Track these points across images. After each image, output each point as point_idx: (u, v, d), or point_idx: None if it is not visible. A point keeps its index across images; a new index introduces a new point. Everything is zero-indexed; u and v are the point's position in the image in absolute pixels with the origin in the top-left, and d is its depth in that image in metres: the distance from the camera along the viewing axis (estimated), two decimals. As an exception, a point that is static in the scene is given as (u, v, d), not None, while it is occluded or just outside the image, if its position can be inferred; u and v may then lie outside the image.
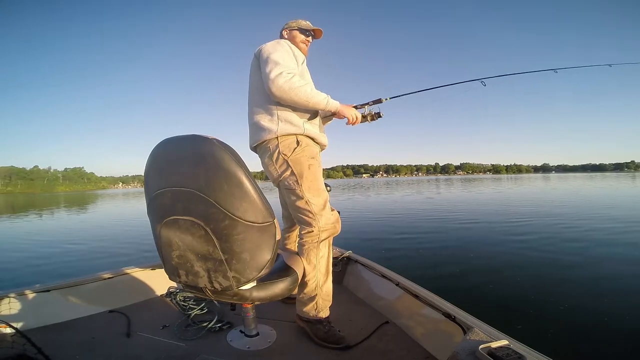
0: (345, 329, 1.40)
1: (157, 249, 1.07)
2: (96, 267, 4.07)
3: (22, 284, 1.58)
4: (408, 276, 1.59)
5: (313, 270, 1.34)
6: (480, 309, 1.33)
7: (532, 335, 1.99)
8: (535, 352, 0.84)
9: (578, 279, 3.07)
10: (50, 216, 13.03)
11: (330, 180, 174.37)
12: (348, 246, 2.10)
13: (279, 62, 1.27)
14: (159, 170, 1.00)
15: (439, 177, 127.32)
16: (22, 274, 4.08)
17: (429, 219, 7.41)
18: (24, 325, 1.42)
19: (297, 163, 1.34)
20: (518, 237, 5.07)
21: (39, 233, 7.87)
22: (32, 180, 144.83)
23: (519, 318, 2.30)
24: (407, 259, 3.99)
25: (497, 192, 17.17)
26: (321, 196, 1.38)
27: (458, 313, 1.16)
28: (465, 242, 4.80)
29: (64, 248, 5.72)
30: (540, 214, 7.55)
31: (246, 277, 1.00)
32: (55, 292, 1.58)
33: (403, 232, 5.81)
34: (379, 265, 1.80)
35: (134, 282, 1.82)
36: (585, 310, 2.38)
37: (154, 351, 1.28)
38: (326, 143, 1.52)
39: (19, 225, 9.91)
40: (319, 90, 1.35)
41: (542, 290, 2.79)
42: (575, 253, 3.99)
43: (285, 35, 1.55)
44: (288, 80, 1.24)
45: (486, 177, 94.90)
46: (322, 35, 1.58)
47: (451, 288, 2.88)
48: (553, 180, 38.61)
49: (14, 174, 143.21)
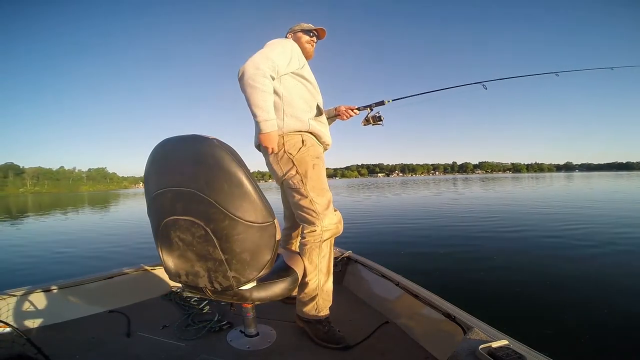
0: (345, 329, 1.40)
1: (157, 249, 1.07)
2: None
3: (23, 283, 1.59)
4: (408, 276, 1.59)
5: (314, 270, 1.34)
6: (480, 309, 1.33)
7: (532, 335, 1.99)
8: (535, 352, 0.84)
9: (578, 278, 3.06)
10: (81, 214, 13.46)
11: (345, 179, 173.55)
12: (348, 246, 2.10)
13: (269, 58, 1.25)
14: (159, 170, 1.00)
15: (457, 176, 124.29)
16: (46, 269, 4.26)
17: (433, 219, 7.41)
18: (24, 325, 1.42)
19: (302, 162, 1.34)
20: (518, 236, 5.07)
21: (65, 232, 8.05)
22: (58, 180, 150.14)
23: (519, 318, 2.30)
24: (407, 259, 3.99)
25: (508, 192, 16.79)
26: (325, 196, 1.38)
27: (458, 313, 1.16)
28: (465, 242, 4.80)
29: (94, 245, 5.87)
30: (541, 212, 7.55)
31: (246, 277, 1.00)
32: (55, 292, 1.58)
33: (405, 232, 5.81)
34: (379, 265, 1.80)
35: (134, 282, 1.82)
36: (586, 310, 2.38)
37: (154, 351, 1.28)
38: (330, 142, 1.52)
39: (48, 224, 10.17)
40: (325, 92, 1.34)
41: (543, 290, 2.79)
42: (576, 252, 3.99)
43: (290, 37, 1.56)
44: (258, 76, 1.20)
45: (506, 176, 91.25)
46: (326, 34, 1.58)
47: (451, 288, 2.88)
48: (578, 179, 36.49)
49: (41, 174, 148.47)
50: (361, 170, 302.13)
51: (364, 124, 1.65)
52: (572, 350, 1.90)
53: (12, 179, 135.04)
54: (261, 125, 1.25)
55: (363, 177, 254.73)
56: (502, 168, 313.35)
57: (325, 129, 1.50)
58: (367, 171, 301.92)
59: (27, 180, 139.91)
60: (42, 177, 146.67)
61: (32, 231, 8.64)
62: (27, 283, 1.58)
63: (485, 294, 2.77)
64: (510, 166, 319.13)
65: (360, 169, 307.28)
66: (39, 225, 10.13)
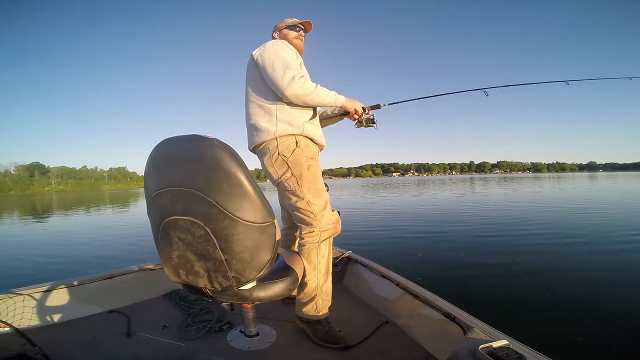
0: (345, 329, 1.40)
1: (157, 249, 1.07)
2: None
3: (26, 282, 1.59)
4: (408, 276, 1.59)
5: (313, 270, 1.34)
6: (480, 309, 1.33)
7: (532, 335, 1.99)
8: (535, 352, 0.84)
9: (579, 278, 3.06)
10: (112, 211, 14.01)
11: (359, 179, 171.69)
12: (348, 246, 2.10)
13: (288, 66, 1.28)
14: (159, 170, 1.00)
15: (474, 176, 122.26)
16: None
17: (433, 220, 7.41)
18: (24, 325, 1.42)
19: (297, 164, 1.34)
20: (518, 237, 5.07)
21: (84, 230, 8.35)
22: (80, 179, 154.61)
23: (519, 318, 2.30)
24: (407, 259, 3.99)
25: (532, 192, 16.56)
26: (322, 196, 1.38)
27: (458, 313, 1.16)
28: (466, 243, 4.80)
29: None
30: (543, 213, 7.55)
31: (246, 277, 1.00)
32: (55, 292, 1.58)
33: (406, 231, 5.81)
34: (379, 265, 1.80)
35: (134, 282, 1.82)
36: (587, 311, 2.38)
37: (154, 351, 1.28)
38: (325, 143, 1.52)
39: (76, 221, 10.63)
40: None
41: (543, 290, 2.79)
42: (577, 252, 3.99)
43: (277, 36, 1.56)
44: (301, 86, 1.28)
45: (526, 176, 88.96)
46: (312, 27, 1.59)
47: (451, 288, 2.88)
48: (602, 179, 35.15)
49: (65, 173, 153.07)
50: (376, 170, 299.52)
51: (357, 125, 1.64)
52: (572, 350, 1.90)
53: (38, 177, 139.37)
54: (337, 103, 1.45)
55: (378, 177, 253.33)
56: (521, 167, 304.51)
57: (320, 131, 1.49)
58: (381, 171, 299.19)
59: (52, 179, 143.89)
60: (66, 176, 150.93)
61: (76, 225, 9.31)
62: (28, 283, 1.58)
63: (485, 294, 2.77)
64: (530, 165, 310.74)
65: (375, 168, 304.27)
66: (77, 220, 10.86)
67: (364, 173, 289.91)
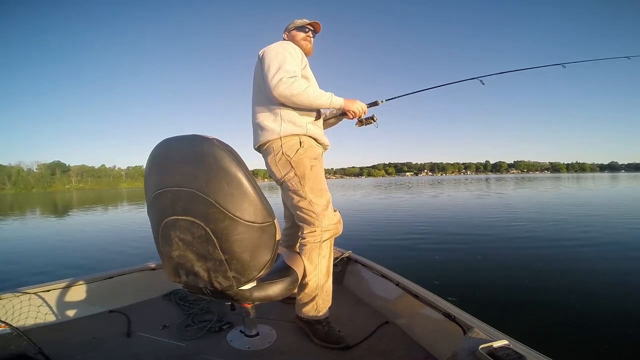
0: (345, 329, 1.40)
1: (157, 249, 1.07)
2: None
3: (28, 282, 1.59)
4: (408, 276, 1.59)
5: (314, 270, 1.34)
6: (480, 309, 1.33)
7: (532, 336, 1.99)
8: (535, 352, 0.84)
9: (579, 278, 3.06)
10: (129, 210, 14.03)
11: (371, 178, 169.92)
12: (348, 246, 2.10)
13: (280, 67, 1.28)
14: (159, 170, 1.00)
15: (489, 176, 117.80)
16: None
17: (433, 219, 7.41)
18: (24, 325, 1.42)
19: (300, 164, 1.35)
20: (518, 236, 5.07)
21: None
22: (99, 177, 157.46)
23: (519, 318, 2.30)
24: (407, 259, 3.99)
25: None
26: (324, 196, 1.38)
27: (458, 313, 1.16)
28: (466, 242, 4.80)
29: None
30: (545, 215, 7.55)
31: (246, 277, 1.00)
32: (55, 292, 1.58)
33: (407, 231, 5.80)
34: (379, 265, 1.80)
35: (134, 282, 1.82)
36: (587, 311, 2.38)
37: (154, 351, 1.28)
38: (328, 144, 1.53)
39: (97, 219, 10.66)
40: (323, 88, 1.36)
41: (543, 290, 2.79)
42: (577, 251, 3.98)
43: (286, 37, 1.57)
44: (289, 86, 1.26)
45: (544, 177, 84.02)
46: (321, 28, 1.59)
47: (451, 288, 2.88)
48: (625, 180, 33.18)
49: (85, 172, 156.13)
50: (388, 169, 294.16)
51: (358, 125, 1.64)
52: (572, 350, 1.89)
53: (59, 176, 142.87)
54: (333, 105, 1.40)
55: (390, 176, 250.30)
56: (539, 167, 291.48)
57: (322, 131, 1.50)
58: (394, 170, 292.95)
59: (72, 177, 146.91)
60: (86, 175, 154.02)
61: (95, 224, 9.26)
62: (28, 283, 1.59)
63: (485, 294, 2.76)
64: (549, 165, 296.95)
65: (388, 167, 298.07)
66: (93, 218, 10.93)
67: (377, 172, 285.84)
